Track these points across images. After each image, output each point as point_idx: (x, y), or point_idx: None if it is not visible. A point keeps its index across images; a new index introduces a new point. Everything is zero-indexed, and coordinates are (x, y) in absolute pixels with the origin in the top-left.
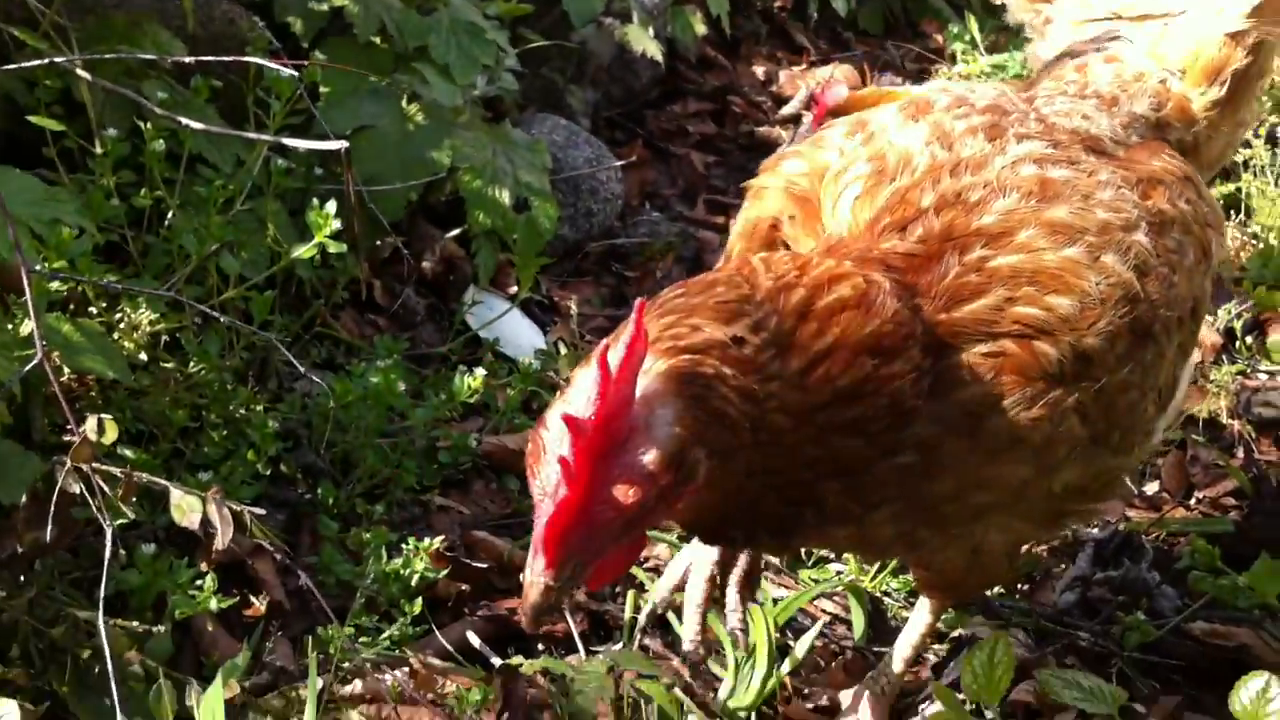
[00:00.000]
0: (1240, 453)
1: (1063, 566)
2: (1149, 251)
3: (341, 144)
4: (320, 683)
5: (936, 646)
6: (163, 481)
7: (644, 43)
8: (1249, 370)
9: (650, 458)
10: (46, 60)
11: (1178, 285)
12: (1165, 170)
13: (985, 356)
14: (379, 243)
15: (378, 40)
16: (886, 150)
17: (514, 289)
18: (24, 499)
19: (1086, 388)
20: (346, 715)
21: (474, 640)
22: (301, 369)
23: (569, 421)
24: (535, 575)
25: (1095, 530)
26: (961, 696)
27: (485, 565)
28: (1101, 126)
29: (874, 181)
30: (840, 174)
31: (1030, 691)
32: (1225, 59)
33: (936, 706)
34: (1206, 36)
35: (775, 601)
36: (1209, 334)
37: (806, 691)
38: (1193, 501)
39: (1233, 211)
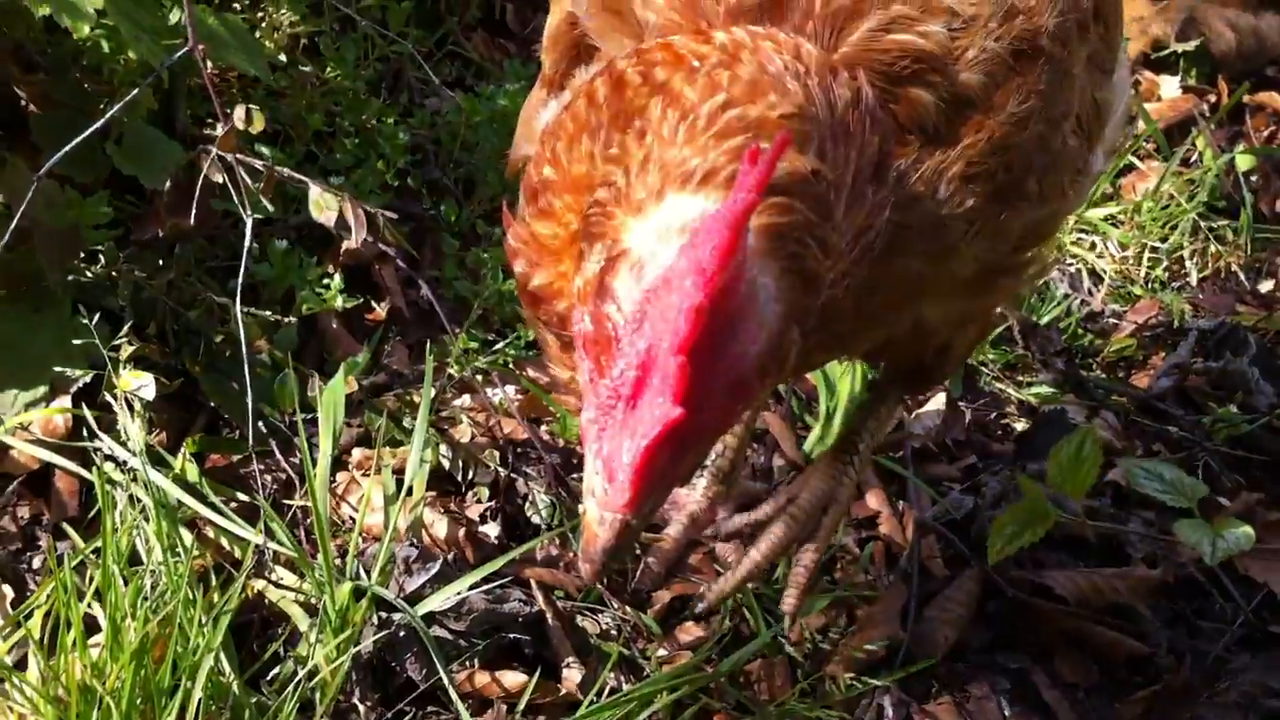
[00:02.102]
0: None
1: (1163, 354)
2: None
3: None
4: (433, 390)
5: (1021, 422)
6: (302, 178)
7: None
8: None
9: (760, 348)
10: None
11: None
12: None
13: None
14: None
15: None
16: None
17: None
18: (167, 185)
19: (972, 143)
20: (457, 419)
21: None
22: (436, 80)
23: (679, 307)
24: (609, 509)
25: (1202, 320)
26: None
27: None
28: None
29: None
30: None
31: (1122, 474)
32: None
33: None
34: None
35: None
36: None
37: None
38: None
39: None
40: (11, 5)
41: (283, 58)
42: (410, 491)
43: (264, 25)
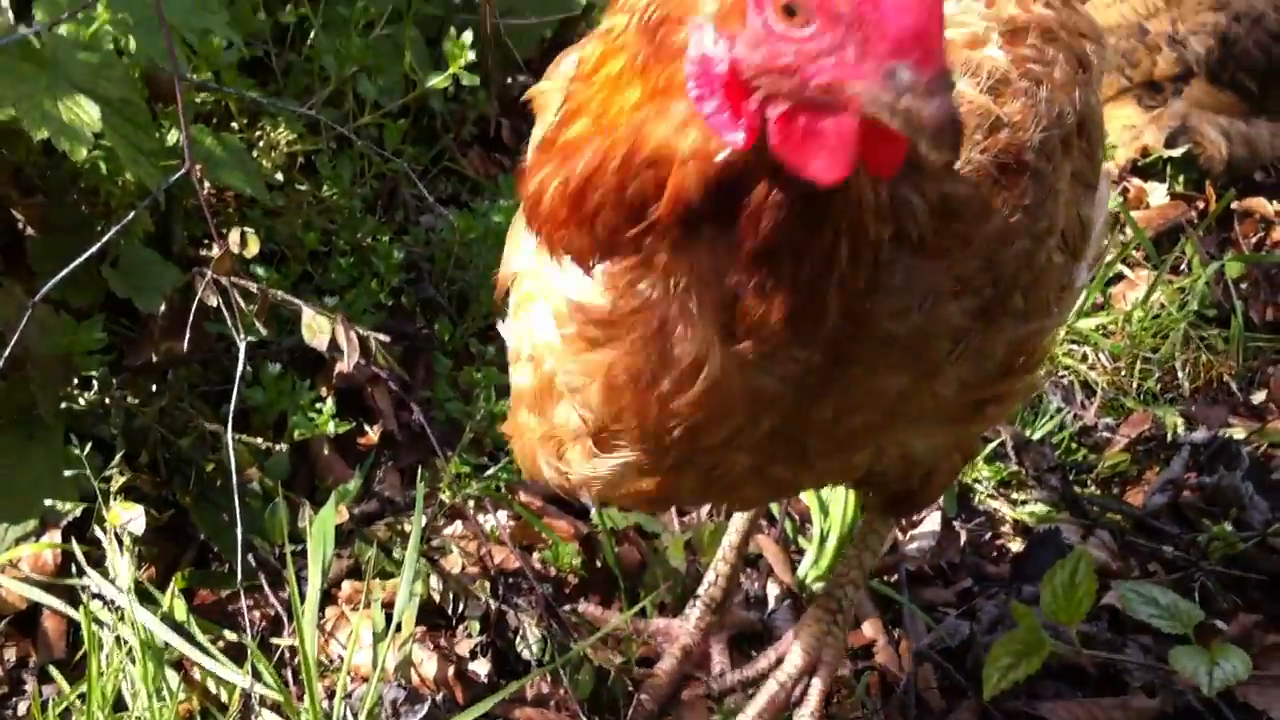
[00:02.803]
0: None
1: (1156, 469)
2: (1003, 66)
3: None
4: (425, 517)
5: (1016, 542)
6: (296, 300)
7: None
8: None
9: None
10: None
11: (1051, 100)
12: None
13: None
14: (510, 80)
15: None
16: None
17: None
18: (161, 308)
19: (959, 256)
20: (448, 549)
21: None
22: (430, 198)
23: None
24: (925, 78)
25: (1195, 433)
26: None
27: None
28: None
29: None
30: None
31: (1118, 598)
32: None
33: None
34: None
35: None
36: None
37: None
38: None
39: None
40: (10, 128)
41: (279, 176)
42: (399, 628)
43: (261, 144)
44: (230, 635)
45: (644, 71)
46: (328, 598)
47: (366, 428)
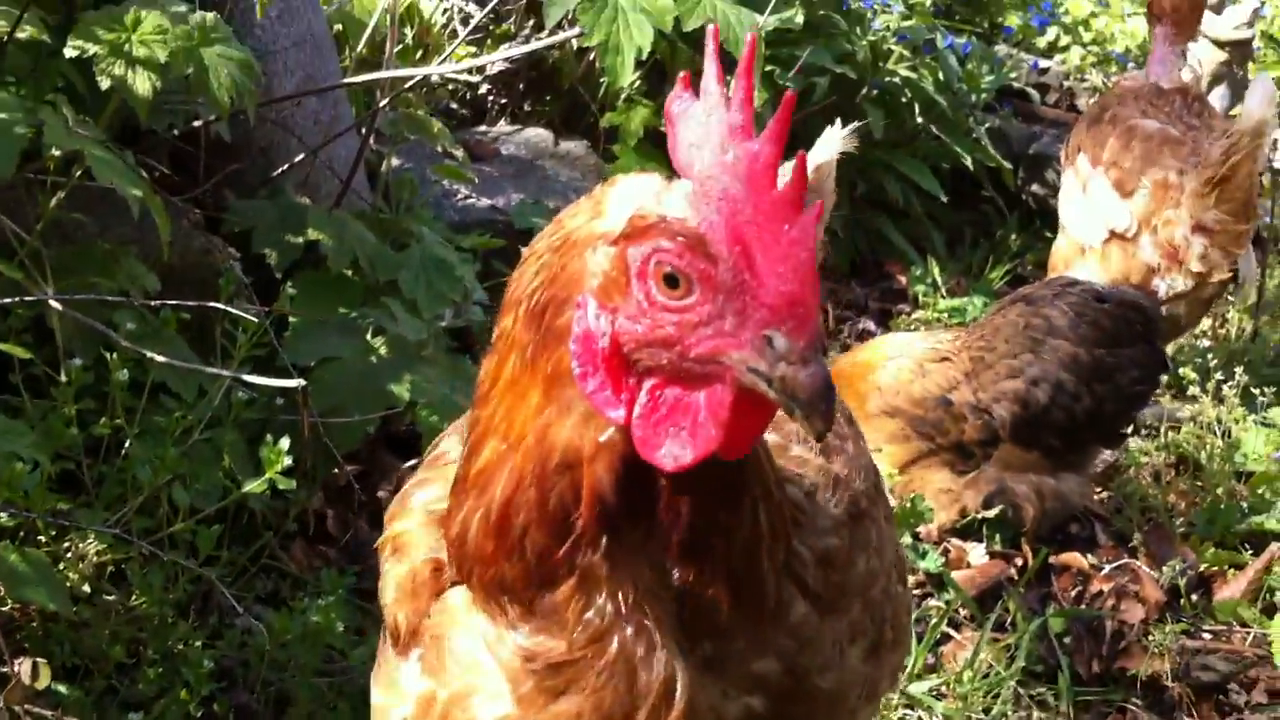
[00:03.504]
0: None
1: None
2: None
3: (299, 383)
4: None
5: None
6: None
7: None
8: (1193, 630)
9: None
10: (19, 299)
11: (858, 454)
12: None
13: None
14: (335, 471)
15: (349, 273)
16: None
17: None
18: None
19: (845, 604)
20: None
21: None
22: (239, 608)
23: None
24: (805, 348)
25: None
26: None
27: None
28: None
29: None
30: None
31: None
32: None
33: None
34: None
35: None
36: (1153, 590)
37: None
38: None
39: (1179, 465)
40: None
41: (87, 588)
42: None
43: (69, 555)
44: None
45: (533, 363)
46: None
47: None
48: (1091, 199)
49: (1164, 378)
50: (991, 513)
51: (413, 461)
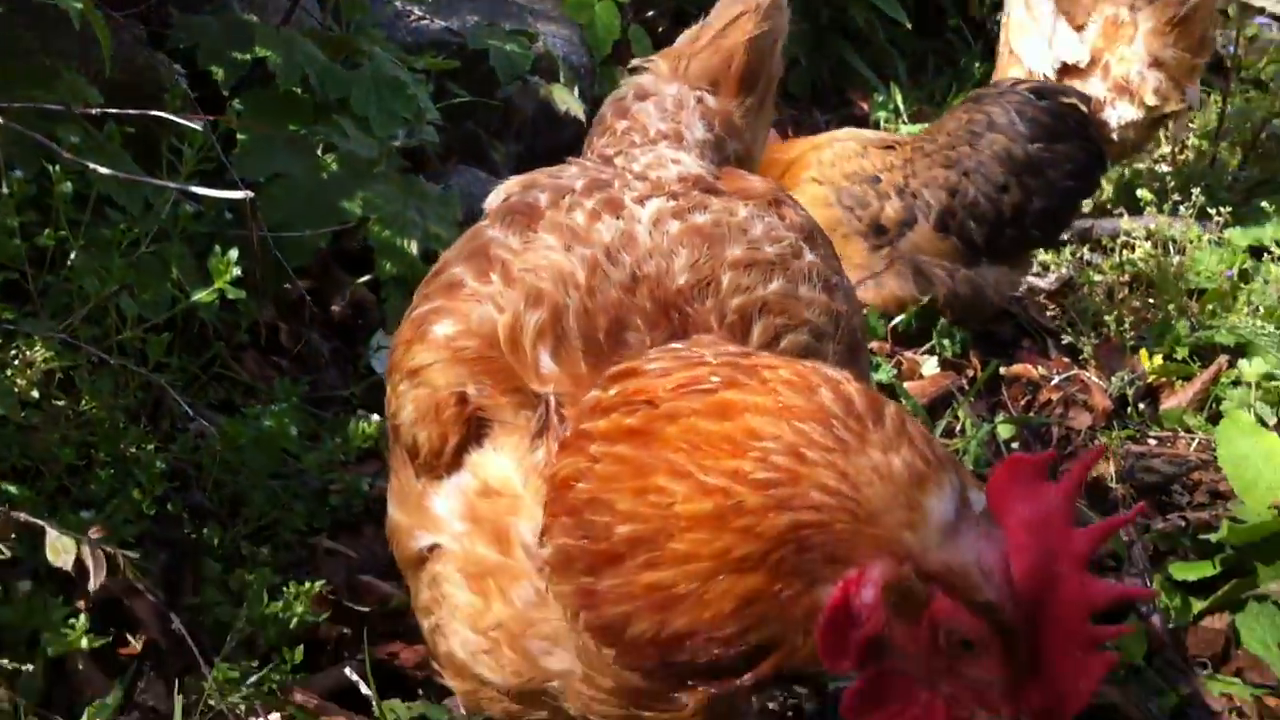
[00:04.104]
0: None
1: None
2: (821, 268)
3: (246, 194)
4: None
5: None
6: (39, 521)
7: (568, 101)
8: (1138, 436)
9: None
10: None
11: (847, 288)
12: (767, 187)
13: None
14: (287, 286)
15: (299, 90)
16: (534, 279)
17: None
18: None
19: None
20: None
21: (355, 679)
22: (192, 415)
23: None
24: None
25: None
26: None
27: (369, 609)
28: (690, 164)
29: (551, 317)
30: (512, 325)
31: None
32: (755, 65)
33: None
34: (734, 45)
35: None
36: (1101, 399)
37: None
38: None
39: (1133, 284)
40: None
41: (35, 394)
42: None
43: (16, 362)
44: None
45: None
46: None
47: (129, 637)
48: (1042, 28)
49: (1103, 182)
50: (925, 299)
51: (366, 277)
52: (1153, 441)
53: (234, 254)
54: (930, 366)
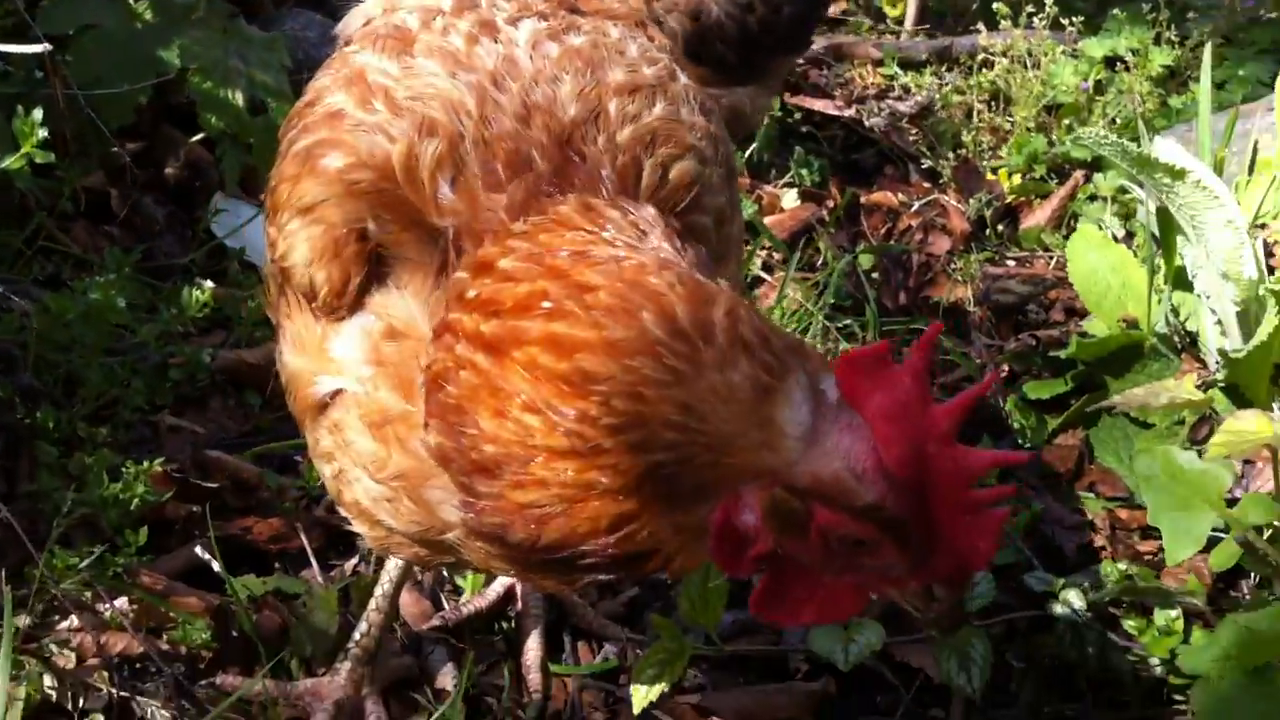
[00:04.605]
0: (977, 339)
1: None
2: (695, 89)
3: (43, 46)
4: (28, 617)
5: None
6: None
7: None
8: (996, 258)
9: None
10: None
11: (717, 113)
12: (629, 8)
13: None
14: (115, 149)
15: None
16: (424, 108)
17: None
18: None
19: (727, 254)
20: (51, 651)
21: (206, 558)
22: (10, 294)
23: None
24: (960, 592)
25: None
26: None
27: (218, 485)
28: None
29: (448, 147)
30: (407, 156)
31: None
32: None
33: None
34: None
35: None
36: (960, 222)
37: None
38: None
39: (991, 102)
40: None
41: None
42: None
43: None
44: None
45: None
46: None
47: None
48: None
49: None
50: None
51: (201, 135)
52: (1011, 263)
53: (38, 114)
54: (790, 199)
